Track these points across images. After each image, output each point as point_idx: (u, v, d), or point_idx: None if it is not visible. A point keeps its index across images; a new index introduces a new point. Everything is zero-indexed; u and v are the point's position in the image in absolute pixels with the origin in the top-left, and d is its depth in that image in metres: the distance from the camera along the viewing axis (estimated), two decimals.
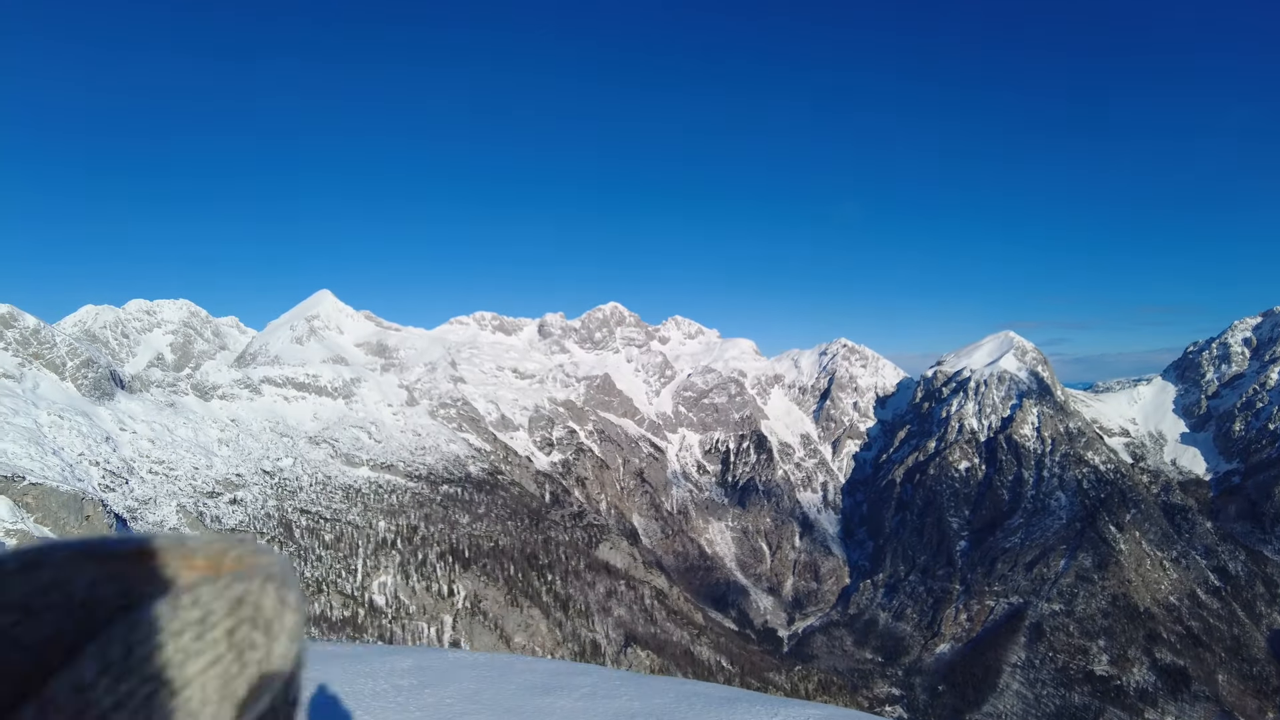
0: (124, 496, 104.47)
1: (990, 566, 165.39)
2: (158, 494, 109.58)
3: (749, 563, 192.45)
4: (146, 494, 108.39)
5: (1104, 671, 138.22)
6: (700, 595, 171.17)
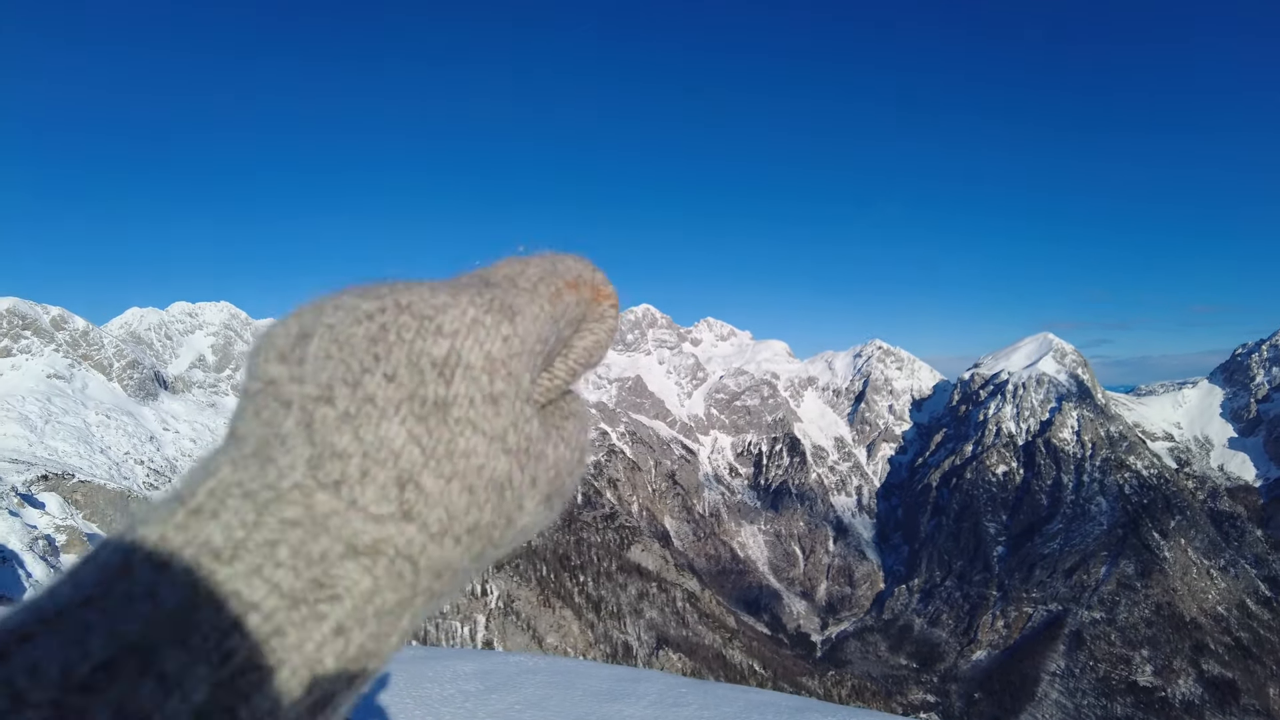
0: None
1: (1028, 572, 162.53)
2: None
3: (782, 567, 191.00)
4: None
5: (1148, 682, 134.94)
6: (732, 599, 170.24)
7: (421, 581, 0.42)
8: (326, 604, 0.38)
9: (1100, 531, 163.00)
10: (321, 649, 0.38)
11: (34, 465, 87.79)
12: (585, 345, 0.54)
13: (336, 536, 0.39)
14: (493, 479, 0.44)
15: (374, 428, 0.41)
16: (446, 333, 0.44)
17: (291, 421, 0.42)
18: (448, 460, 0.42)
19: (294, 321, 0.45)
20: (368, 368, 0.43)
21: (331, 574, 0.39)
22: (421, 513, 0.41)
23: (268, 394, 0.43)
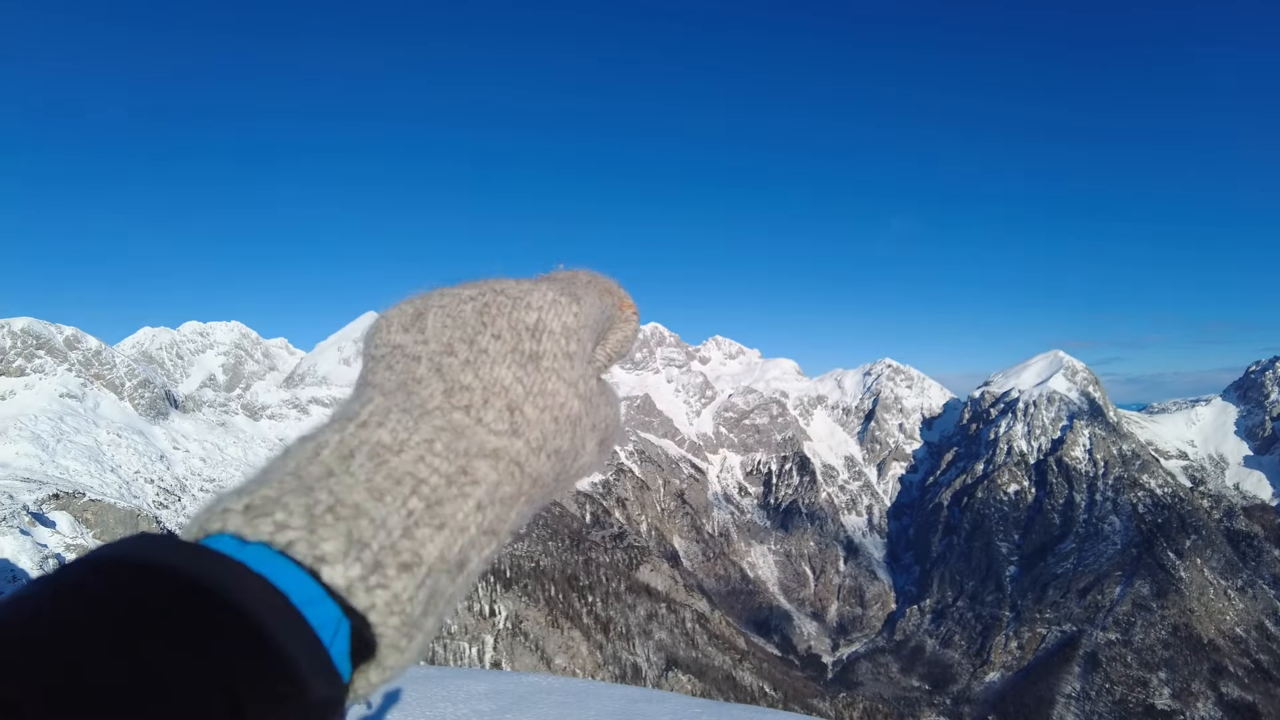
0: (176, 514, 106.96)
1: (1041, 593, 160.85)
2: None
3: (792, 587, 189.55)
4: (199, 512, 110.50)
5: (1165, 705, 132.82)
6: (742, 620, 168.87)
7: (525, 483, 0.58)
8: (470, 486, 0.53)
9: (1114, 551, 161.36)
10: (468, 518, 0.53)
11: (45, 484, 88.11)
12: (616, 339, 0.75)
13: (471, 441, 0.56)
14: (569, 414, 0.62)
15: (489, 370, 0.59)
16: (534, 307, 0.63)
17: (424, 368, 0.60)
18: (541, 396, 0.60)
19: (407, 305, 0.65)
20: (479, 330, 0.61)
21: (472, 465, 0.54)
22: (525, 431, 0.58)
23: (396, 354, 0.62)
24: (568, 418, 0.61)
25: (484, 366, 0.59)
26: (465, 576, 0.54)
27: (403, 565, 0.48)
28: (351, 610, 0.47)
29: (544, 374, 0.60)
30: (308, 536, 0.46)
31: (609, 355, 0.74)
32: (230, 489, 0.49)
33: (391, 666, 0.50)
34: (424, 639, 0.51)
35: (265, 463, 0.53)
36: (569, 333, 0.63)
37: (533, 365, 0.60)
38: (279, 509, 0.47)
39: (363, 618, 0.47)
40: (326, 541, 0.46)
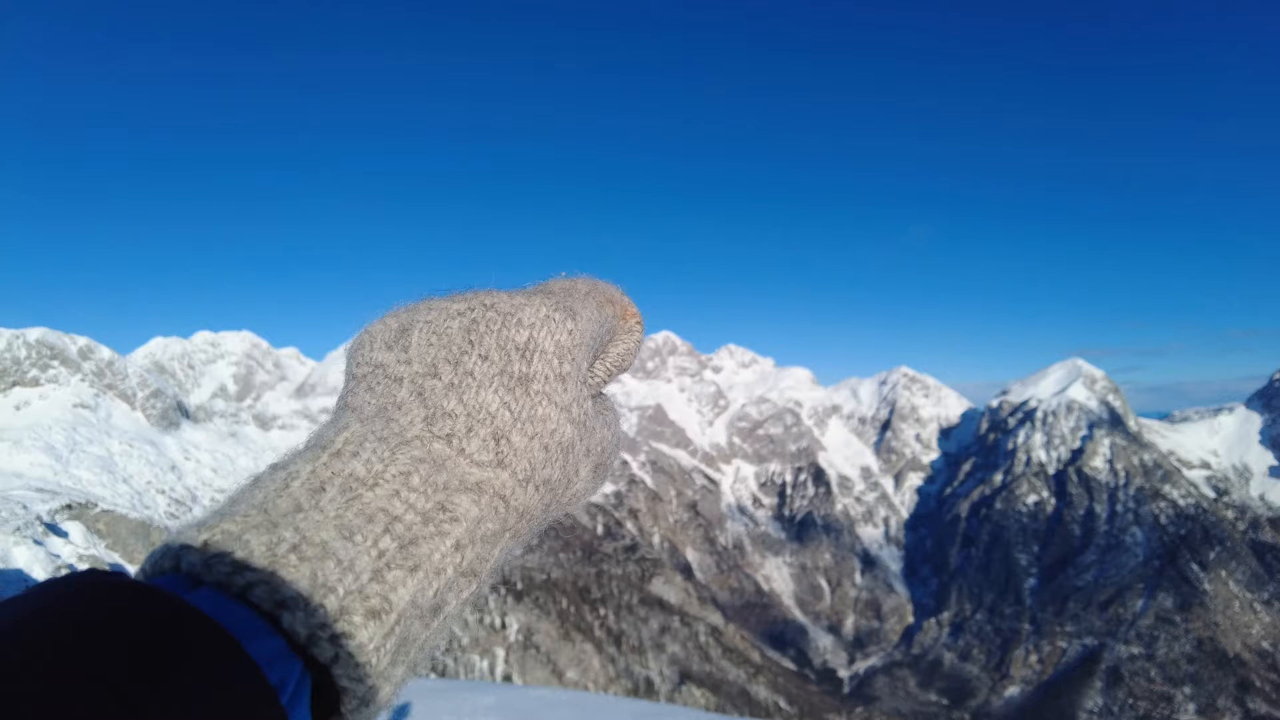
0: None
1: (1062, 605, 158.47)
2: None
3: (807, 600, 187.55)
4: None
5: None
6: (757, 633, 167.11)
7: (510, 518, 0.55)
8: (448, 524, 0.50)
9: (1136, 563, 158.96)
10: (444, 559, 0.49)
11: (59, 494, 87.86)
12: (618, 352, 0.69)
13: (452, 474, 0.52)
14: (561, 441, 0.57)
15: (474, 394, 0.55)
16: (526, 324, 0.58)
17: (405, 392, 0.56)
18: (530, 423, 0.56)
19: (391, 320, 0.61)
20: (465, 350, 0.57)
21: (452, 500, 0.51)
22: (512, 462, 0.55)
23: (377, 374, 0.58)
24: (559, 445, 0.57)
25: (469, 391, 0.55)
26: (441, 621, 0.51)
27: (370, 612, 0.45)
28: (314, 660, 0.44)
29: (534, 398, 0.56)
30: (268, 579, 0.43)
31: (609, 370, 0.69)
32: (191, 521, 0.47)
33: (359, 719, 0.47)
34: (393, 689, 0.49)
35: (234, 491, 0.50)
36: (563, 352, 0.59)
37: (522, 389, 0.56)
38: (239, 547, 0.44)
39: (325, 668, 0.45)
40: (287, 585, 0.43)
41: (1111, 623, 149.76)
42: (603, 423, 0.64)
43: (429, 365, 0.56)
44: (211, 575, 0.43)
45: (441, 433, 0.53)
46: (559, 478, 0.58)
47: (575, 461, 0.59)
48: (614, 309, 0.68)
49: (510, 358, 0.56)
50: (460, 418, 0.54)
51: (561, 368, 0.58)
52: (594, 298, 0.66)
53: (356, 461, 0.50)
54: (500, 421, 0.54)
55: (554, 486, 0.58)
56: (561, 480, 0.58)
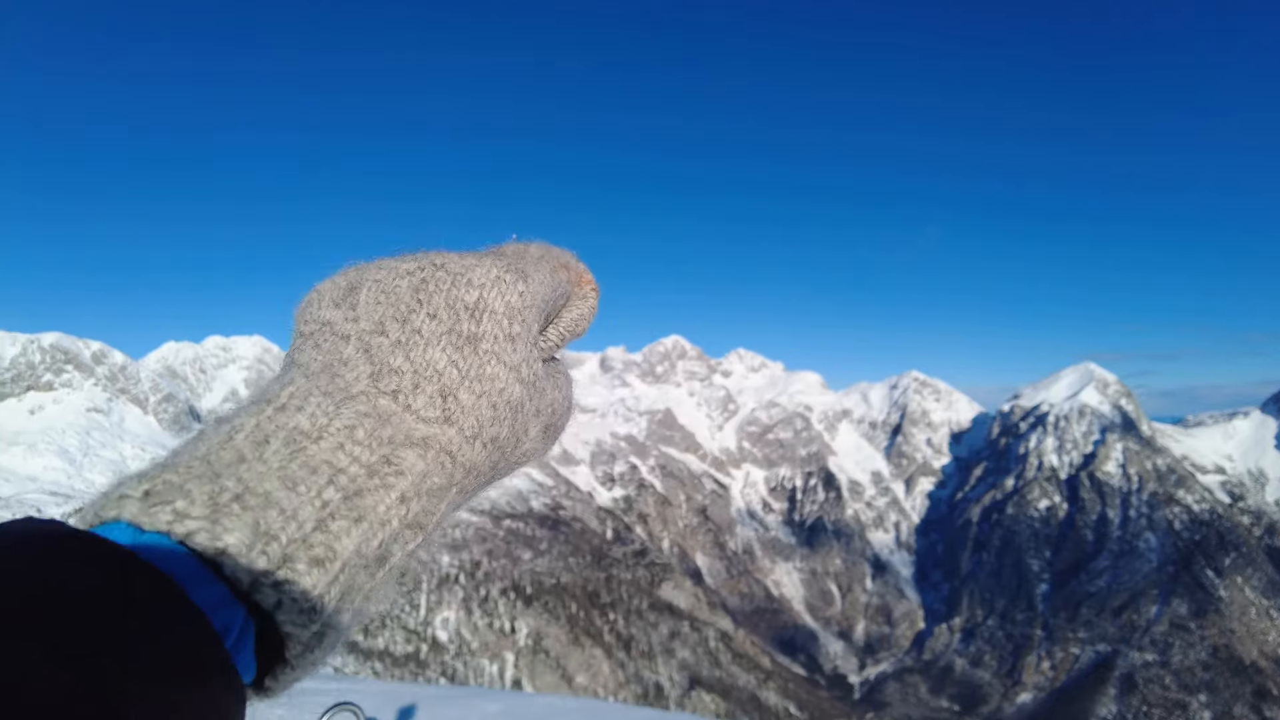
0: None
1: (1074, 611, 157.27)
2: None
3: (818, 605, 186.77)
4: None
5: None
6: (767, 639, 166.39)
7: (457, 474, 0.55)
8: (393, 477, 0.50)
9: (1150, 569, 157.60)
10: (389, 511, 0.49)
11: (72, 498, 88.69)
12: (571, 317, 0.69)
13: (398, 429, 0.52)
14: (510, 400, 0.58)
15: (422, 352, 0.56)
16: (475, 284, 0.59)
17: (351, 349, 0.56)
18: (478, 381, 0.56)
19: (340, 279, 0.61)
20: (413, 309, 0.57)
21: (397, 454, 0.51)
22: (459, 419, 0.55)
23: (324, 331, 0.58)
24: (507, 404, 0.58)
25: (416, 348, 0.56)
26: (387, 571, 0.51)
27: (314, 560, 0.46)
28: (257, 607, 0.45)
29: (482, 357, 0.57)
30: (209, 527, 0.43)
31: (561, 334, 0.69)
32: (132, 472, 0.46)
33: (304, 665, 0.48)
34: (338, 636, 0.49)
35: (177, 444, 0.49)
36: (512, 313, 0.59)
37: (470, 348, 0.56)
38: (180, 496, 0.44)
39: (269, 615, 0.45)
40: (230, 533, 0.43)
41: (1125, 629, 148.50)
42: (554, 385, 0.65)
43: (376, 323, 0.56)
44: (153, 523, 0.43)
45: (388, 389, 0.54)
46: (507, 435, 0.58)
47: (524, 421, 0.60)
48: (568, 274, 0.68)
49: (459, 316, 0.57)
50: (407, 374, 0.54)
51: (511, 328, 0.58)
52: (547, 262, 0.67)
53: (301, 415, 0.50)
54: (448, 379, 0.55)
55: (502, 444, 0.58)
56: (510, 439, 0.59)
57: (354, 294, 0.59)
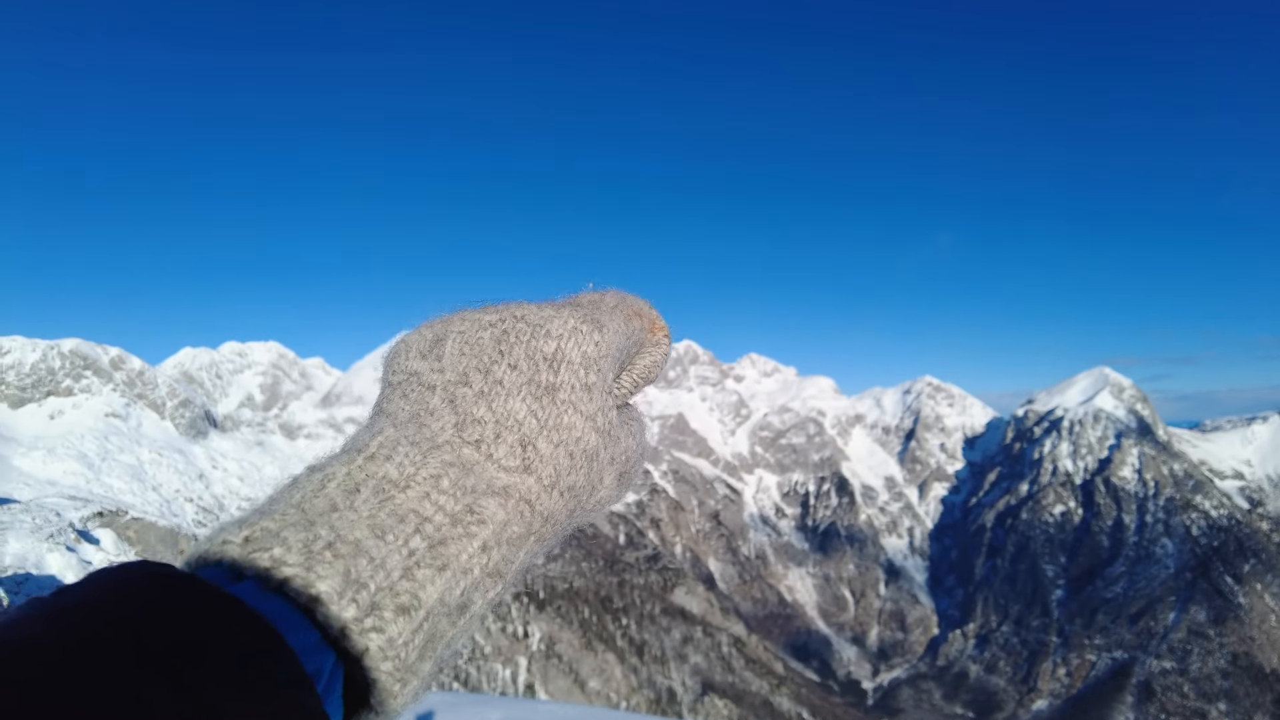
0: None
1: (1090, 618, 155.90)
2: None
3: (831, 611, 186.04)
4: None
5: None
6: (780, 644, 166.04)
7: (535, 522, 0.57)
8: (476, 526, 0.52)
9: (1167, 575, 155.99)
10: (471, 560, 0.52)
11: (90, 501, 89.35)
12: (645, 364, 0.72)
13: (480, 478, 0.55)
14: (586, 449, 0.60)
15: (503, 402, 0.58)
16: (554, 335, 0.61)
17: (437, 399, 0.59)
18: (556, 430, 0.58)
19: (426, 330, 0.64)
20: (495, 360, 0.60)
21: (479, 504, 0.53)
22: (538, 468, 0.57)
23: (412, 382, 0.61)
24: (584, 453, 0.60)
25: (498, 399, 0.58)
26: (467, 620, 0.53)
27: (400, 608, 0.48)
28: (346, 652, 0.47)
29: (560, 407, 0.59)
30: (304, 574, 0.46)
31: (635, 381, 0.72)
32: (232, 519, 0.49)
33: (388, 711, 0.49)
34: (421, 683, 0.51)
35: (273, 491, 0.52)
36: (589, 363, 0.62)
37: (549, 398, 0.59)
38: (277, 543, 0.46)
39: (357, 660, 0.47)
40: (323, 580, 0.46)
41: (1142, 636, 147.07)
42: (628, 432, 0.67)
43: (461, 374, 0.59)
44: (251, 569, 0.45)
45: (471, 439, 0.56)
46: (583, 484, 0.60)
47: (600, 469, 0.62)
48: (641, 322, 0.71)
49: (538, 367, 0.59)
50: (489, 424, 0.57)
51: (587, 378, 0.61)
52: (621, 311, 0.69)
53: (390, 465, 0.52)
54: (527, 429, 0.57)
55: (578, 493, 0.60)
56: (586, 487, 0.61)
57: (439, 345, 0.61)
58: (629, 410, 0.70)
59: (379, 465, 0.52)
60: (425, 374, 0.60)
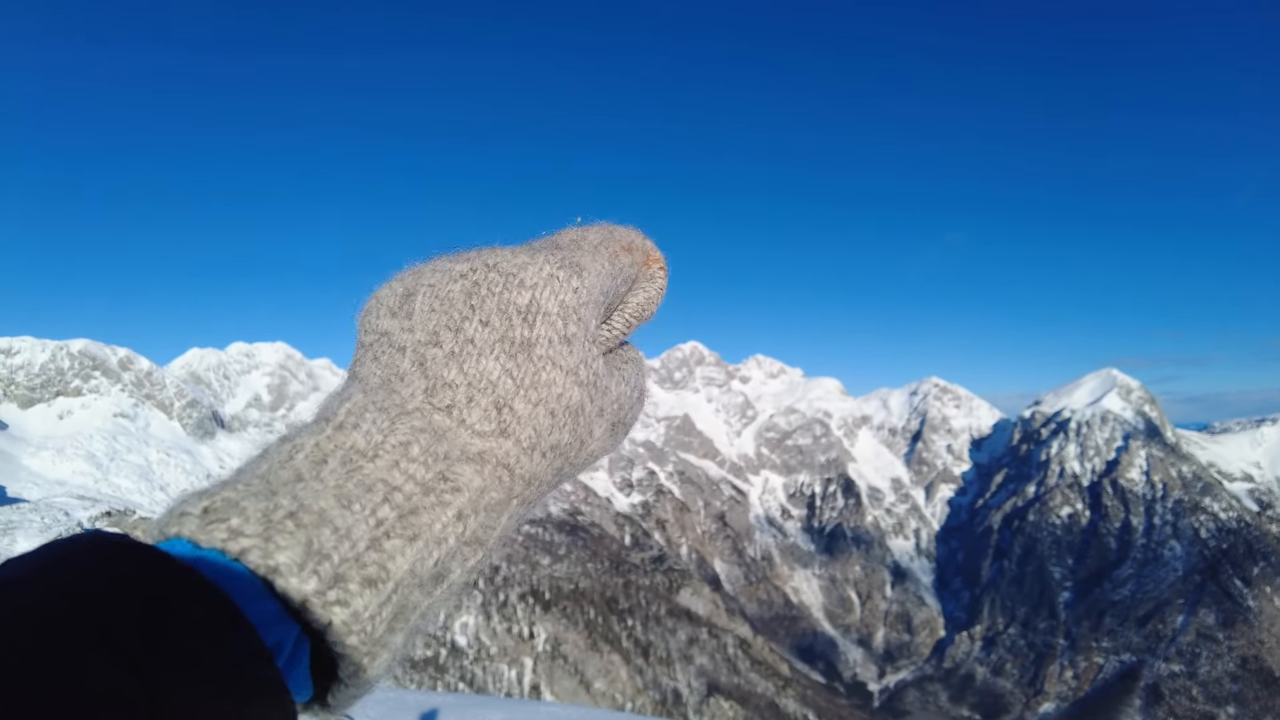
0: None
1: (1098, 620, 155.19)
2: None
3: (837, 613, 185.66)
4: None
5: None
6: (785, 646, 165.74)
7: (516, 486, 0.54)
8: (449, 494, 0.50)
9: (1175, 578, 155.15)
10: (445, 529, 0.49)
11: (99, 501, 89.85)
12: (638, 301, 0.67)
13: (453, 444, 0.52)
14: (568, 405, 0.56)
15: (475, 363, 0.55)
16: (528, 285, 0.57)
17: (407, 362, 0.55)
18: (533, 389, 0.55)
19: (397, 284, 0.60)
20: (466, 316, 0.56)
21: (453, 470, 0.51)
22: (515, 430, 0.54)
23: (382, 343, 0.58)
24: (566, 409, 0.56)
25: (470, 359, 0.55)
26: (445, 589, 0.51)
27: (367, 580, 0.46)
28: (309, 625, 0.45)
29: (537, 363, 0.55)
30: (262, 544, 0.44)
31: (627, 321, 0.66)
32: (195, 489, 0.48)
33: (357, 684, 0.48)
34: (392, 655, 0.49)
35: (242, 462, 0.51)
36: (567, 312, 0.57)
37: (524, 354, 0.55)
38: (236, 513, 0.45)
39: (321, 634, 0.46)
40: (282, 551, 0.44)
41: (1150, 639, 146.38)
42: (620, 379, 0.63)
43: (431, 333, 0.56)
44: (209, 540, 0.44)
45: (442, 404, 0.53)
46: (569, 441, 0.57)
47: (587, 423, 0.58)
48: (631, 256, 0.66)
49: (512, 322, 0.55)
50: (461, 388, 0.54)
51: (566, 329, 0.57)
52: (606, 248, 0.64)
53: (357, 433, 0.50)
54: (502, 390, 0.54)
55: (563, 450, 0.57)
56: (572, 443, 0.58)
57: (410, 301, 0.58)
58: (622, 353, 0.66)
59: (347, 434, 0.51)
60: (396, 334, 0.57)
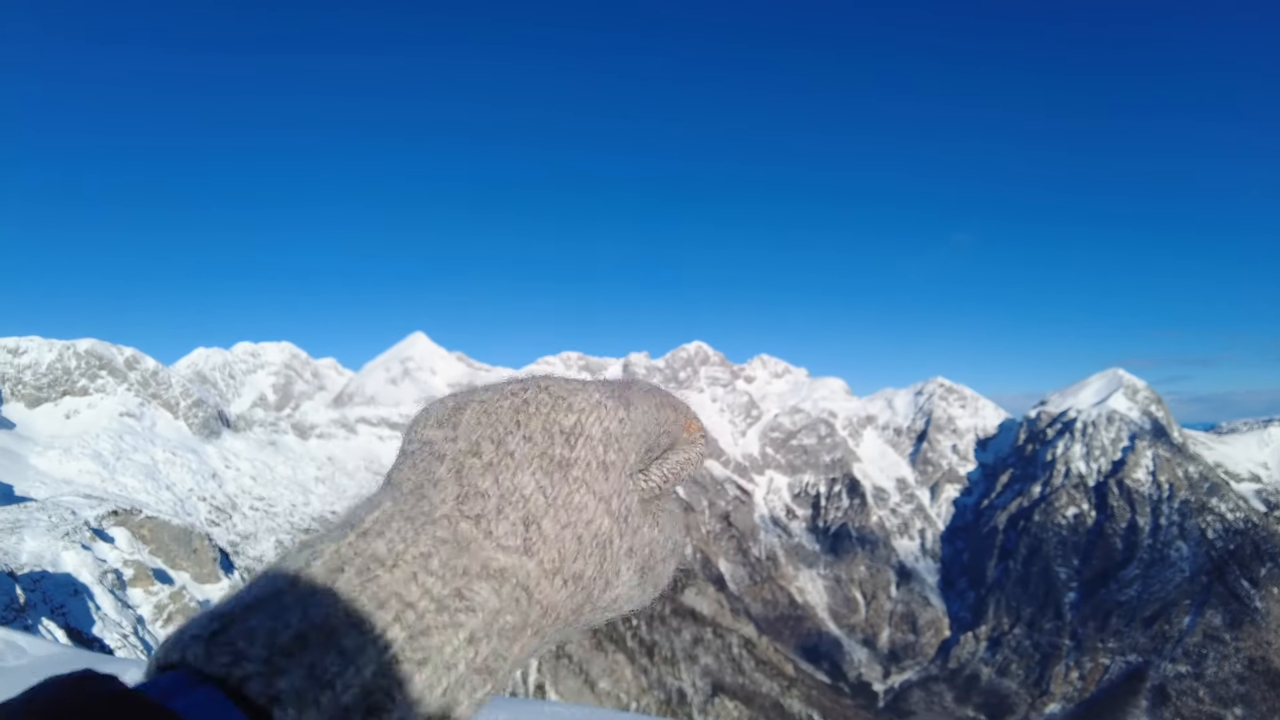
0: (228, 531, 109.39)
1: (1104, 621, 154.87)
2: (258, 529, 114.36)
3: (842, 613, 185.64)
4: (248, 529, 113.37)
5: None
6: (790, 646, 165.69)
7: (533, 613, 0.51)
8: (464, 614, 0.47)
9: (1182, 578, 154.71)
10: (456, 653, 0.46)
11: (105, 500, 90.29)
12: (678, 459, 0.65)
13: (475, 558, 0.49)
14: (597, 534, 0.54)
15: (511, 475, 0.53)
16: (575, 409, 0.56)
17: (444, 469, 0.54)
18: (564, 510, 0.53)
19: (450, 399, 0.60)
20: (510, 430, 0.55)
21: (470, 588, 0.48)
22: (540, 550, 0.52)
23: (424, 451, 0.56)
24: (594, 538, 0.54)
25: (506, 471, 0.53)
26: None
27: (370, 709, 0.45)
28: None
29: (572, 484, 0.54)
30: (264, 671, 0.43)
31: (665, 476, 0.64)
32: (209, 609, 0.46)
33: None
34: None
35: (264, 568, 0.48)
36: (610, 440, 0.56)
37: (560, 473, 0.54)
38: (242, 637, 0.44)
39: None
40: (283, 678, 0.43)
41: (1157, 640, 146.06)
42: (653, 523, 0.61)
43: (473, 443, 0.55)
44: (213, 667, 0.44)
45: (471, 512, 0.51)
46: (593, 574, 0.55)
47: (614, 559, 0.56)
48: (675, 415, 0.66)
49: (553, 440, 0.55)
50: (492, 498, 0.52)
51: (606, 455, 0.56)
52: (654, 397, 0.65)
53: (380, 541, 0.48)
54: (533, 505, 0.52)
55: (586, 584, 0.55)
56: (596, 578, 0.55)
57: (458, 414, 0.57)
58: (660, 503, 0.64)
59: (369, 542, 0.48)
60: (438, 442, 0.56)
